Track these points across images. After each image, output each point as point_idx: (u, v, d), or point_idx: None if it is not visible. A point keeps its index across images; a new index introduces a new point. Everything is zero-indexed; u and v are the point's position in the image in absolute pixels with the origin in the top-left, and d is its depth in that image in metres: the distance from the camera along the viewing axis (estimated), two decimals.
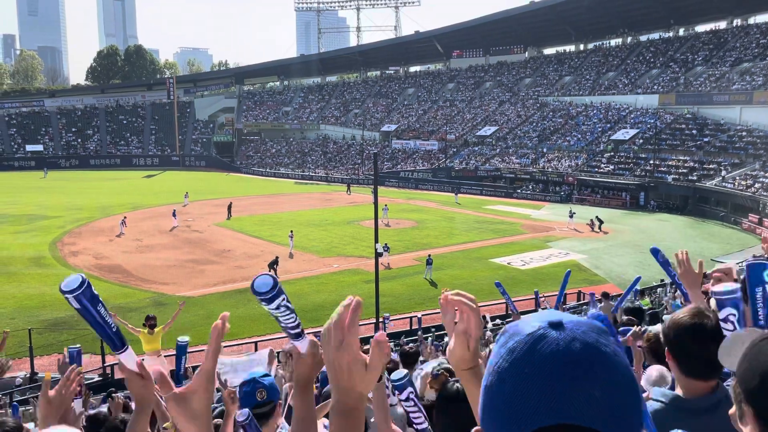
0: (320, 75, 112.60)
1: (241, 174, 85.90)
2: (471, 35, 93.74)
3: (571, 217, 43.11)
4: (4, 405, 10.42)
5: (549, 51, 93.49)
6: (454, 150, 76.24)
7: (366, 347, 1.35)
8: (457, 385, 2.89)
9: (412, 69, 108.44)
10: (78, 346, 4.99)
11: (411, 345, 10.44)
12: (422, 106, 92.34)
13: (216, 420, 4.94)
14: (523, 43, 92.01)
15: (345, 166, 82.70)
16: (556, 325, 0.89)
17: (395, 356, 6.68)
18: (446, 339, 6.17)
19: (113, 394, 10.89)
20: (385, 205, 44.15)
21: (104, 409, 8.06)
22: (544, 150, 67.56)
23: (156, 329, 13.23)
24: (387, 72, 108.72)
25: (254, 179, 79.76)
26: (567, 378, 0.83)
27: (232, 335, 21.94)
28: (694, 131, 58.77)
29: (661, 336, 3.96)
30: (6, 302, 25.28)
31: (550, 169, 62.78)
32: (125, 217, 41.62)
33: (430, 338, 18.00)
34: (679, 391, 2.28)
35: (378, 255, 22.75)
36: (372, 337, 1.31)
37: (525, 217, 48.10)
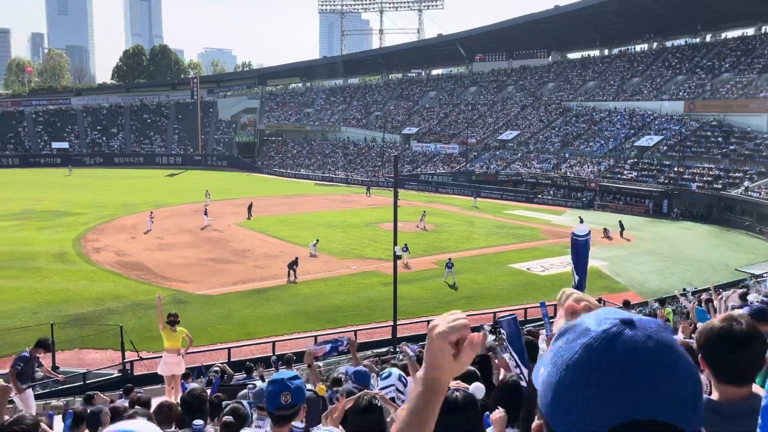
0: (342, 77, 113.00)
1: (262, 174, 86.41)
2: (494, 39, 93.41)
3: (580, 223, 42.82)
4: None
5: (573, 55, 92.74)
6: (475, 154, 75.95)
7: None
8: (457, 394, 2.83)
9: (434, 72, 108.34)
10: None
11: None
12: (444, 109, 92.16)
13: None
14: (546, 48, 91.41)
15: (365, 168, 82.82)
16: (629, 323, 0.90)
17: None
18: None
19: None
20: (424, 212, 44.75)
21: (126, 403, 8.16)
22: (566, 155, 67.03)
23: (178, 328, 13.28)
24: (409, 75, 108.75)
25: (275, 180, 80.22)
26: (649, 374, 0.85)
27: (250, 335, 22.07)
28: (720, 139, 57.89)
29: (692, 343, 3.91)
30: (30, 297, 25.69)
31: (572, 175, 62.24)
32: (152, 213, 42.14)
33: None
34: (714, 396, 2.28)
35: (396, 258, 22.70)
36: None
37: (545, 223, 47.72)
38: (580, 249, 2.16)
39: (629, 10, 78.03)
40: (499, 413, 3.25)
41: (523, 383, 2.92)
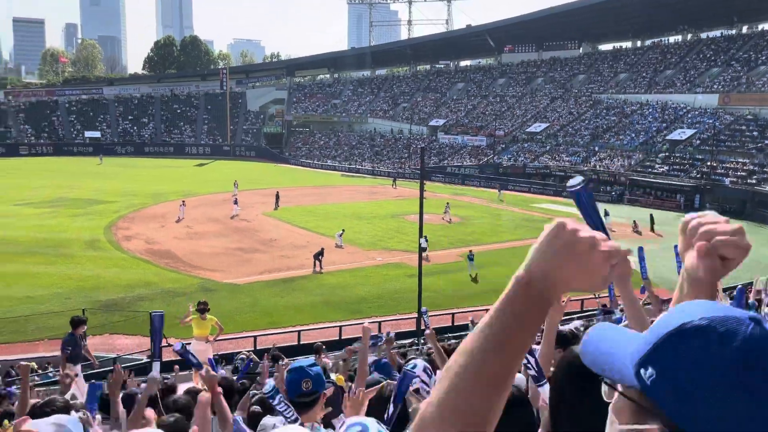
0: (370, 68, 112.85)
1: (289, 165, 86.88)
2: (524, 30, 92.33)
3: (606, 216, 42.25)
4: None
5: (604, 47, 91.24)
6: (503, 146, 75.34)
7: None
8: (514, 388, 2.82)
9: (463, 63, 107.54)
10: (162, 311, 5.20)
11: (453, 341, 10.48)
12: (471, 101, 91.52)
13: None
14: (577, 39, 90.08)
15: (391, 160, 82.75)
16: (756, 320, 0.87)
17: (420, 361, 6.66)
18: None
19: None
20: (447, 203, 44.90)
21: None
22: (596, 148, 66.11)
23: (208, 316, 13.47)
24: (437, 66, 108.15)
25: (302, 170, 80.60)
26: None
27: (275, 324, 22.29)
28: (755, 133, 56.48)
29: None
30: (63, 282, 26.31)
31: (601, 168, 61.38)
32: (183, 202, 42.68)
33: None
34: None
35: (422, 250, 22.70)
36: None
37: (574, 216, 47.03)
38: (579, 200, 1.96)
39: (663, 1, 76.41)
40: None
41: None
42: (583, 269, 1.15)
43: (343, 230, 35.17)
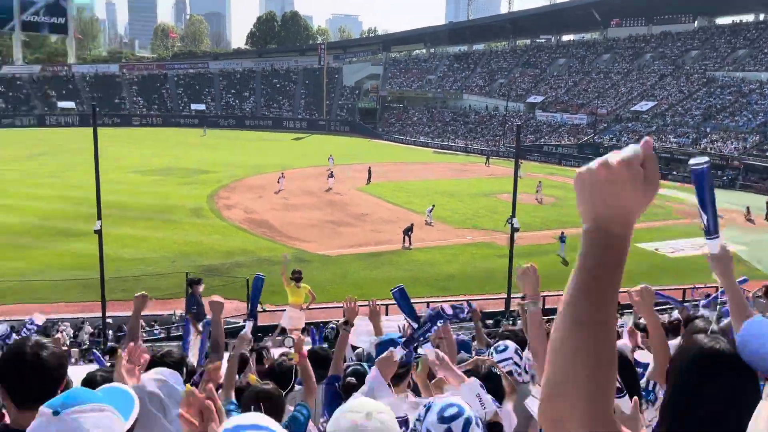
0: (467, 43, 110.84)
1: (382, 140, 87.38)
2: (633, 2, 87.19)
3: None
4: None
5: (722, 21, 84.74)
6: (605, 125, 72.10)
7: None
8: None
9: (565, 38, 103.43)
10: (263, 275, 5.54)
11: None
12: (573, 77, 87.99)
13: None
14: (692, 12, 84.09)
15: (485, 137, 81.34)
16: None
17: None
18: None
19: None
20: (539, 182, 43.96)
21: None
22: (708, 130, 61.93)
23: (302, 285, 13.93)
24: (537, 41, 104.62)
25: (394, 146, 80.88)
26: None
27: (365, 296, 22.65)
28: None
29: None
30: (169, 246, 28.03)
31: (713, 151, 57.48)
32: (283, 174, 43.96)
33: None
34: None
35: (514, 230, 22.26)
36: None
37: (679, 201, 44.55)
38: (700, 180, 1.89)
39: None
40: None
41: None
42: (621, 188, 1.10)
43: (433, 206, 35.00)
